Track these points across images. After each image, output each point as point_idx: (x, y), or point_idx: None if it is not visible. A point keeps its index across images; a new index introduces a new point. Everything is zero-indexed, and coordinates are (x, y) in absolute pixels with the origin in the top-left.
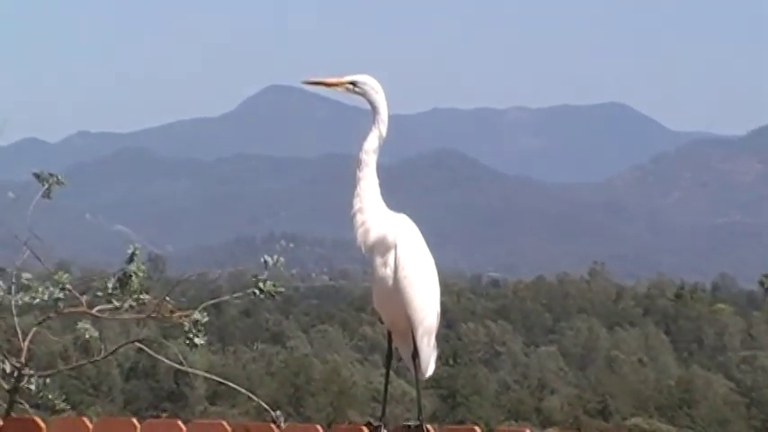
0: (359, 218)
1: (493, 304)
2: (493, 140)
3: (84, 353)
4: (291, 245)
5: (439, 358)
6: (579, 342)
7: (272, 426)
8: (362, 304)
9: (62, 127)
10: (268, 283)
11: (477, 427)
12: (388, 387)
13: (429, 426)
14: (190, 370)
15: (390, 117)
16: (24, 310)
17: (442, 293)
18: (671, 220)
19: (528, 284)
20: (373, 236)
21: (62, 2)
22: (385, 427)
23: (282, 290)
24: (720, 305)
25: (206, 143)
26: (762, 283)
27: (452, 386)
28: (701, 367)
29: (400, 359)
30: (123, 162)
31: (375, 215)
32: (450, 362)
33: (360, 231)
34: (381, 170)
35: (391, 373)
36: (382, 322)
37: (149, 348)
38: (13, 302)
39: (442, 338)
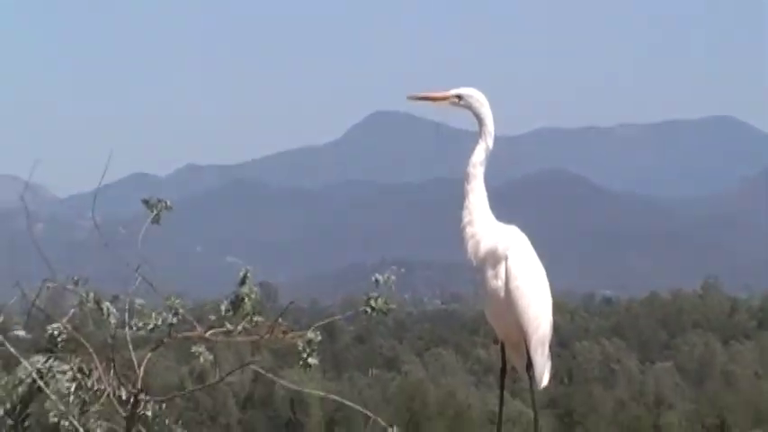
0: (469, 230)
1: (606, 322)
2: (600, 158)
3: (200, 382)
4: (403, 270)
5: (554, 377)
6: (695, 357)
7: None
8: (475, 327)
9: (171, 160)
10: (379, 300)
11: None
12: (503, 406)
13: None
14: (307, 390)
15: (496, 138)
16: (139, 338)
17: (556, 313)
18: None
19: (641, 301)
20: (484, 248)
21: (171, 36)
22: None
23: (394, 306)
24: None
25: (313, 172)
26: None
27: (569, 405)
28: None
29: (515, 377)
30: (232, 194)
31: (485, 227)
32: (566, 381)
33: (470, 244)
34: (490, 192)
35: (506, 393)
36: (495, 342)
37: (264, 371)
38: (127, 329)
39: (556, 357)
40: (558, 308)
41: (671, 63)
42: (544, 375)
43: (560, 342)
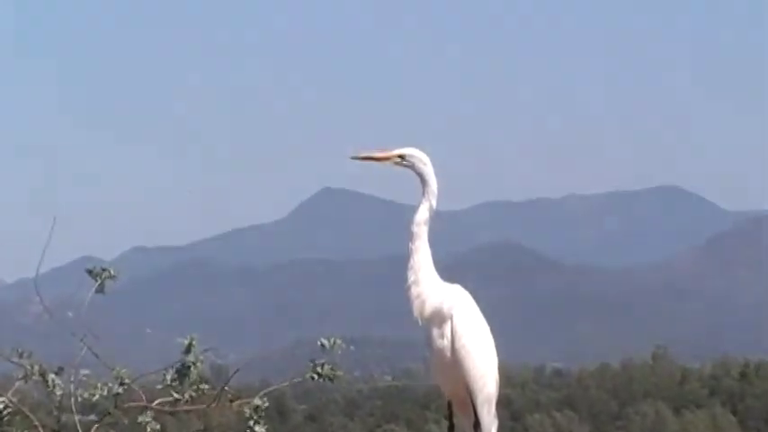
0: (414, 290)
1: (558, 394)
2: (549, 230)
3: None
4: (352, 347)
5: None
6: (646, 427)
7: None
8: (427, 402)
9: (117, 243)
10: (326, 366)
11: None
12: None
13: None
14: None
15: (443, 213)
16: (86, 409)
17: (506, 385)
18: (731, 299)
19: (592, 372)
20: (429, 307)
21: (109, 117)
22: None
23: (341, 373)
24: None
25: (262, 250)
26: None
27: None
28: None
29: None
30: (180, 274)
31: (430, 287)
32: None
33: (416, 304)
34: (437, 266)
35: None
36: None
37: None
38: (72, 400)
39: (508, 431)
40: (508, 380)
41: (616, 134)
42: None
43: (512, 415)
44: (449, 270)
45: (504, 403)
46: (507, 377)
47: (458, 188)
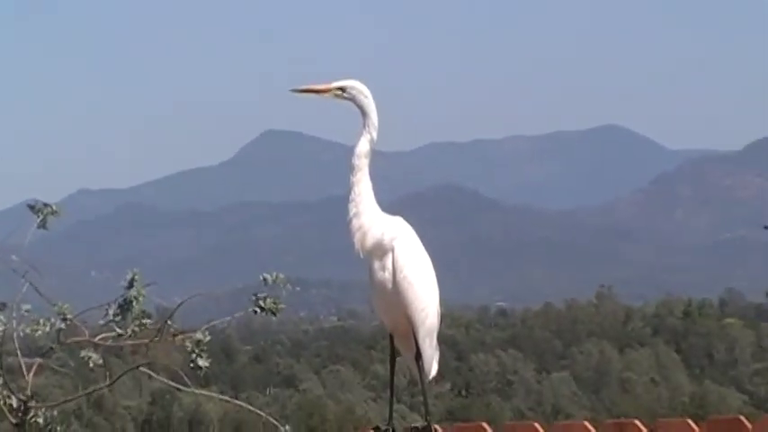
0: (355, 223)
1: (502, 334)
2: (492, 171)
3: (97, 406)
4: (298, 288)
5: (451, 390)
6: (591, 366)
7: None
8: (372, 343)
9: (62, 186)
10: (268, 300)
11: (485, 424)
12: (394, 389)
13: (437, 426)
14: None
15: (387, 155)
16: (29, 346)
17: (451, 326)
18: (675, 240)
19: (536, 312)
20: (370, 240)
21: (56, 60)
22: (393, 430)
23: (283, 306)
24: (729, 319)
25: (207, 193)
26: None
27: (467, 417)
28: (714, 382)
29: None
30: (126, 217)
31: (371, 219)
32: (463, 393)
33: (357, 236)
34: (382, 207)
35: (403, 406)
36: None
37: (156, 365)
38: (15, 336)
39: (453, 371)
40: (453, 321)
41: (556, 74)
42: (433, 365)
43: (457, 355)
44: (392, 212)
45: (449, 343)
46: (452, 318)
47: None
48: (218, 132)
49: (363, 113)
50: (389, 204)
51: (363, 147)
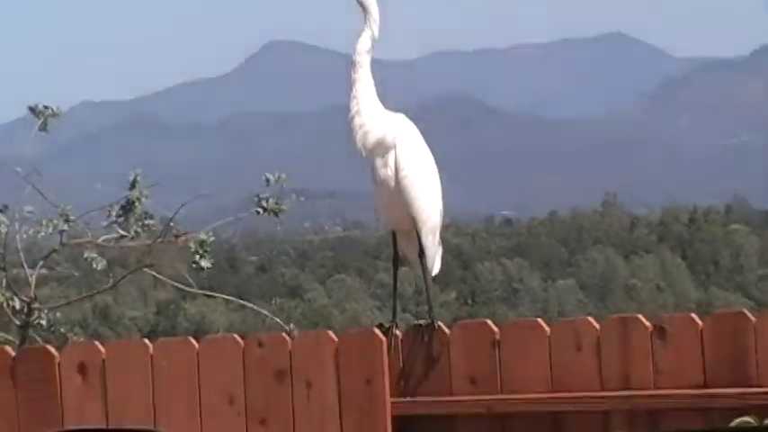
0: (357, 120)
1: (508, 242)
2: (497, 80)
3: (103, 317)
4: (303, 198)
5: (457, 299)
6: (596, 273)
7: (284, 335)
8: (377, 252)
9: (64, 98)
10: (270, 200)
11: (489, 321)
12: (398, 287)
13: (441, 323)
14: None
15: (390, 64)
16: (33, 251)
17: (456, 235)
18: (681, 146)
19: (541, 221)
20: (372, 137)
21: None
22: (396, 328)
23: (285, 208)
24: (735, 226)
25: (210, 104)
26: None
27: None
28: (720, 288)
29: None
30: (129, 129)
31: (373, 116)
32: (469, 302)
33: (359, 134)
34: None
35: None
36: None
37: (160, 274)
38: (18, 237)
39: (459, 280)
40: (458, 230)
41: None
42: (436, 262)
43: (463, 264)
44: None
45: (454, 252)
46: (457, 227)
47: (406, 39)
48: (220, 44)
49: (364, 9)
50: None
51: (364, 42)
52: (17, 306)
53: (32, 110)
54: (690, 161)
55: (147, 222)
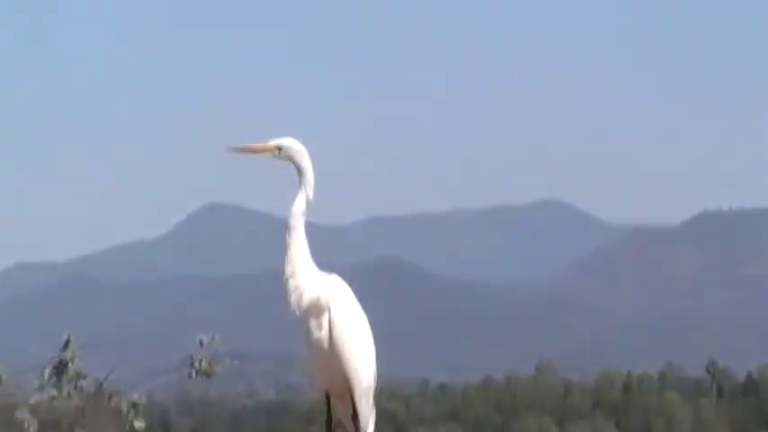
0: (291, 282)
1: (442, 408)
2: (431, 245)
3: None
4: (237, 361)
5: None
6: None
7: None
8: (311, 417)
9: None
10: (203, 362)
11: None
12: None
13: None
14: None
15: (326, 228)
16: None
17: (390, 400)
18: (614, 314)
19: (476, 386)
20: (307, 299)
21: None
22: None
23: (219, 369)
24: (669, 395)
25: (145, 266)
26: (708, 370)
27: None
28: None
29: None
30: (64, 291)
31: (307, 278)
32: None
33: (293, 296)
34: None
35: None
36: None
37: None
38: None
39: None
40: (392, 395)
41: (497, 148)
42: (369, 424)
43: (397, 429)
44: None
45: (388, 418)
46: (391, 392)
47: (342, 203)
48: (156, 205)
49: (300, 172)
50: None
51: (300, 205)
52: None
53: None
54: (624, 327)
55: (79, 383)
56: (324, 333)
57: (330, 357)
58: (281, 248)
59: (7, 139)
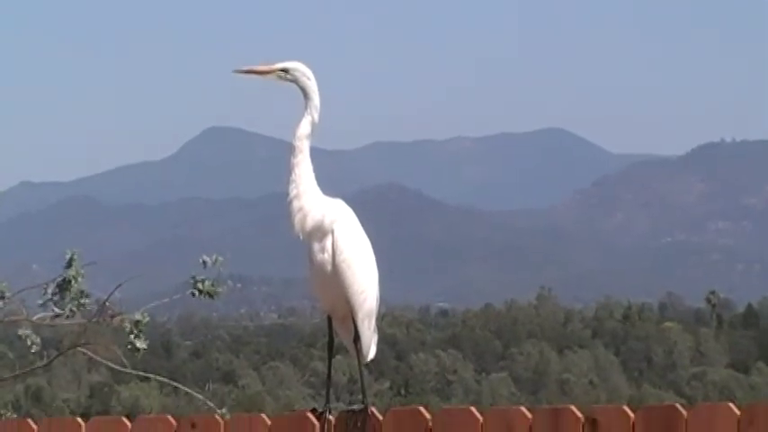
0: (295, 204)
1: (442, 334)
2: (435, 172)
3: (35, 399)
4: (239, 285)
5: (390, 389)
6: (530, 367)
7: (217, 417)
8: (312, 340)
9: (4, 178)
10: (206, 282)
11: (422, 408)
12: (332, 373)
13: (374, 409)
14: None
15: (330, 153)
16: None
17: (391, 325)
18: (616, 243)
19: (476, 313)
20: (310, 221)
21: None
22: (330, 413)
23: (221, 290)
24: (668, 323)
25: (150, 188)
26: (708, 300)
27: None
28: (652, 386)
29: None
30: (68, 211)
31: (312, 200)
32: (402, 392)
33: (297, 218)
34: None
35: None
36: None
37: (95, 354)
38: None
39: (393, 370)
40: (394, 320)
41: (501, 76)
42: (371, 348)
43: (397, 355)
44: None
45: (389, 343)
46: (392, 317)
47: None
48: (162, 128)
49: (305, 95)
50: None
51: (305, 127)
52: None
53: None
54: (624, 258)
55: (82, 302)
56: (327, 256)
57: (333, 280)
58: (286, 171)
59: (16, 59)
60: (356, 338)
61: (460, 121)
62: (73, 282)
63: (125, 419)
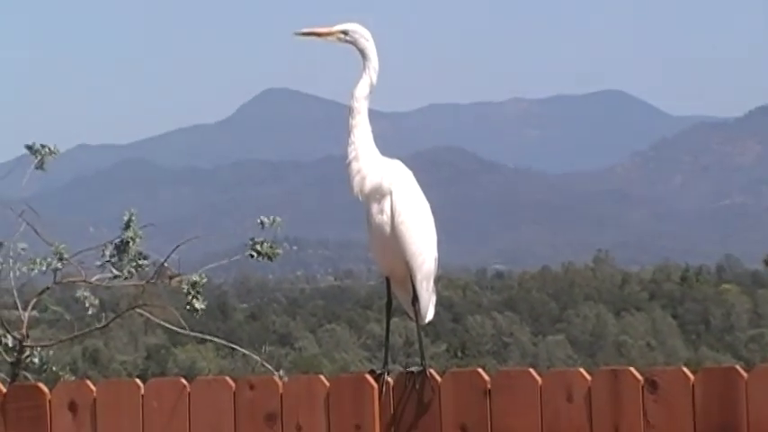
0: (354, 166)
1: (499, 296)
2: (492, 134)
3: (92, 362)
4: (295, 248)
5: (447, 351)
6: (587, 329)
7: (276, 379)
8: (369, 303)
9: (61, 141)
10: (265, 244)
11: (480, 369)
12: (390, 335)
13: (432, 371)
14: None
15: (387, 115)
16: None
17: (447, 288)
18: (673, 206)
19: (533, 275)
20: (369, 183)
21: (57, 18)
22: (388, 375)
23: (280, 252)
24: (726, 285)
25: (205, 151)
26: (767, 262)
27: None
28: (710, 348)
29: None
30: (124, 173)
31: (370, 162)
32: (459, 355)
33: (356, 180)
34: None
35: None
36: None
37: (152, 315)
38: (11, 274)
39: (449, 332)
40: (450, 283)
41: (560, 38)
42: (429, 309)
43: (453, 317)
44: None
45: (445, 305)
46: (449, 279)
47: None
48: (218, 90)
49: (364, 56)
50: None
51: (363, 89)
52: (9, 344)
53: (30, 148)
54: (682, 220)
55: (140, 263)
56: (386, 217)
57: (392, 242)
58: (344, 133)
59: (74, 24)
60: (414, 300)
61: (518, 83)
62: (131, 243)
63: (183, 381)
